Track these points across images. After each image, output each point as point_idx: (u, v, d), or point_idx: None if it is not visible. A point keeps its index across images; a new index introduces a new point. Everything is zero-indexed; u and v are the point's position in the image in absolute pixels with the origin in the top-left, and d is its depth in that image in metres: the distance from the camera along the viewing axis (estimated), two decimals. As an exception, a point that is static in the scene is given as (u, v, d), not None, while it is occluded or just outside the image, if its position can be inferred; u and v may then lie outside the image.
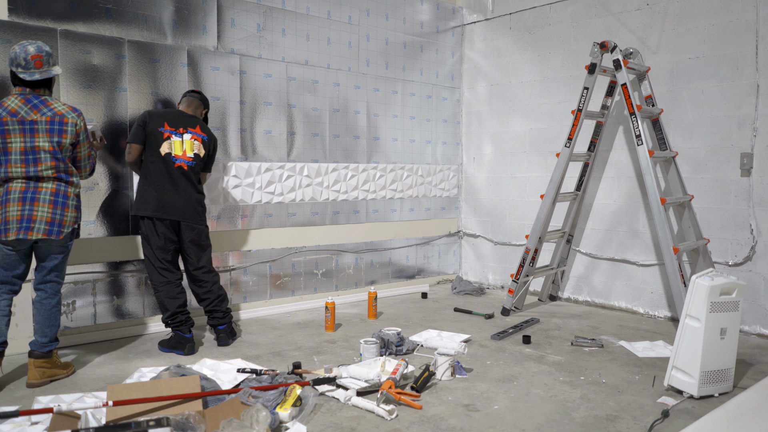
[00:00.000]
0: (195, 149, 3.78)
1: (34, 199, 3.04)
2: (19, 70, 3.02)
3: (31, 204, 3.03)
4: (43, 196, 3.06)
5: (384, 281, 5.55)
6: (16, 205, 3.02)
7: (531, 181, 5.52)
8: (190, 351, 3.66)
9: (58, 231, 3.09)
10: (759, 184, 4.15)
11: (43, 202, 3.05)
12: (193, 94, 3.94)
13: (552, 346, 3.87)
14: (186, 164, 3.74)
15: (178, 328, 3.67)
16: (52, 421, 2.46)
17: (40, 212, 3.04)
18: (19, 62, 3.01)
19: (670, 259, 3.95)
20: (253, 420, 2.42)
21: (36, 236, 3.04)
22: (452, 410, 2.83)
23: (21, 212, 3.01)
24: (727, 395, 3.00)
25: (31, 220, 3.02)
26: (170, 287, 3.70)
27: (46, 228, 3.05)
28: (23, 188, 3.04)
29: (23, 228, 3.01)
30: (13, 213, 3.01)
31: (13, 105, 3.02)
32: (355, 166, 5.24)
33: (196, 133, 3.80)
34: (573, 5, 5.14)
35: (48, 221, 3.06)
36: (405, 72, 5.59)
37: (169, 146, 3.69)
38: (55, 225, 3.08)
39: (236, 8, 4.48)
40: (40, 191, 3.06)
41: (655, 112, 4.44)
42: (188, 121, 3.81)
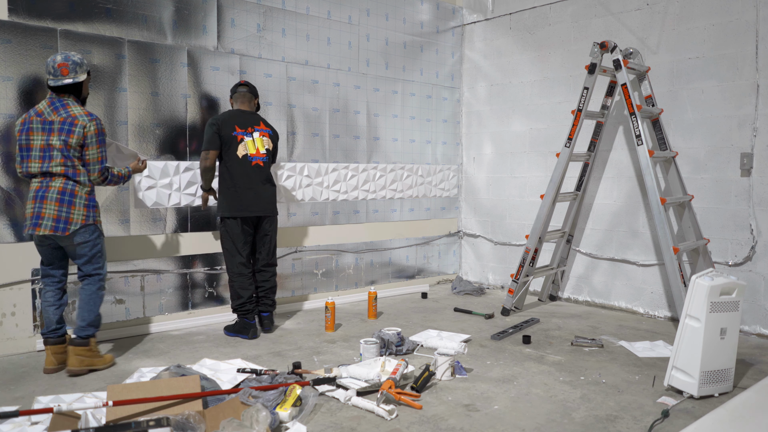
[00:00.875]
0: (265, 145, 4.07)
1: (44, 197, 3.24)
2: (49, 77, 3.27)
3: (41, 202, 3.24)
4: (51, 194, 3.24)
5: (384, 281, 5.55)
6: (31, 203, 3.27)
7: (531, 181, 5.52)
8: (254, 335, 3.98)
9: (63, 228, 3.24)
10: (759, 184, 4.15)
11: (51, 200, 3.23)
12: (242, 89, 4.11)
13: (552, 346, 3.87)
14: (261, 161, 4.04)
15: (245, 316, 4.01)
16: (52, 421, 2.46)
17: (48, 209, 3.23)
18: (49, 70, 3.27)
19: (670, 259, 3.95)
20: (253, 420, 2.42)
21: (43, 232, 3.23)
22: (452, 410, 2.83)
23: (33, 209, 3.25)
24: (727, 395, 3.00)
25: (40, 216, 3.23)
26: (243, 279, 4.03)
27: (52, 225, 3.23)
28: (38, 187, 3.26)
29: (33, 224, 3.24)
30: (29, 210, 3.27)
31: (41, 107, 3.29)
32: (355, 166, 5.24)
33: (263, 129, 4.08)
34: (573, 5, 5.14)
35: (54, 218, 3.23)
36: (405, 72, 5.60)
37: (244, 148, 3.97)
38: (61, 222, 3.23)
39: (236, 8, 4.48)
40: (49, 189, 3.24)
41: (655, 112, 4.44)
42: (252, 119, 4.07)
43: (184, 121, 4.25)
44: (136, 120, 4.05)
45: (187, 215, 4.31)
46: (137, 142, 4.06)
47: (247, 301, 4.03)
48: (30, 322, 3.70)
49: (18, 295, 3.66)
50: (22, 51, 3.60)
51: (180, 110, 4.23)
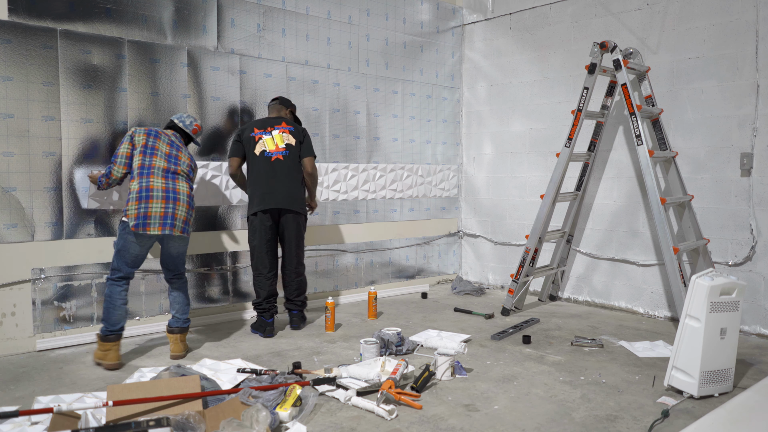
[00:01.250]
0: (285, 140, 4.13)
1: (176, 198, 3.58)
2: (178, 122, 3.79)
3: (174, 203, 3.59)
4: (181, 197, 3.64)
5: (384, 281, 5.55)
6: (161, 202, 3.54)
7: (531, 181, 5.52)
8: (269, 334, 4.05)
9: (185, 229, 3.65)
10: (759, 184, 4.15)
11: (182, 202, 3.63)
12: (274, 101, 4.32)
13: (552, 346, 3.87)
14: (281, 155, 4.08)
15: (262, 314, 4.09)
16: (52, 421, 2.46)
17: (180, 211, 3.61)
18: (184, 120, 3.80)
19: (670, 259, 3.95)
20: (253, 420, 2.42)
21: (177, 233, 3.57)
22: (452, 410, 2.83)
23: (164, 209, 3.55)
24: (727, 395, 3.00)
25: (174, 217, 3.56)
26: (262, 279, 4.11)
27: (181, 226, 3.58)
28: (164, 187, 3.57)
29: (164, 224, 3.53)
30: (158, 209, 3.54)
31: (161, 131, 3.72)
32: (355, 166, 5.24)
33: (282, 127, 4.16)
34: (573, 5, 5.14)
35: (184, 220, 3.60)
36: (405, 72, 5.59)
37: (262, 145, 4.08)
38: (187, 223, 3.67)
39: (236, 8, 4.48)
40: (179, 192, 3.61)
41: (655, 112, 4.44)
42: (273, 121, 4.19)
43: (313, 130, 4.28)
44: (136, 120, 4.05)
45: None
46: (137, 142, 4.06)
47: (264, 300, 4.09)
48: (30, 322, 3.70)
49: (18, 295, 3.66)
50: (22, 51, 3.60)
51: (180, 110, 4.23)
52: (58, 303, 3.79)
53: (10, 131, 3.59)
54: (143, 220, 3.37)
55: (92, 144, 3.87)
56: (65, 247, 3.79)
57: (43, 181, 3.70)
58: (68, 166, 3.79)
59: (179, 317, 3.66)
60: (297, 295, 4.25)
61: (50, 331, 3.77)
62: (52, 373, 3.33)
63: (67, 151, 3.78)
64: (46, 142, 3.71)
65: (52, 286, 3.77)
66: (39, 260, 3.71)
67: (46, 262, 3.74)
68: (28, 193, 3.66)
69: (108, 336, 3.41)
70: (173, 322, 3.66)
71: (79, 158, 3.83)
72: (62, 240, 3.78)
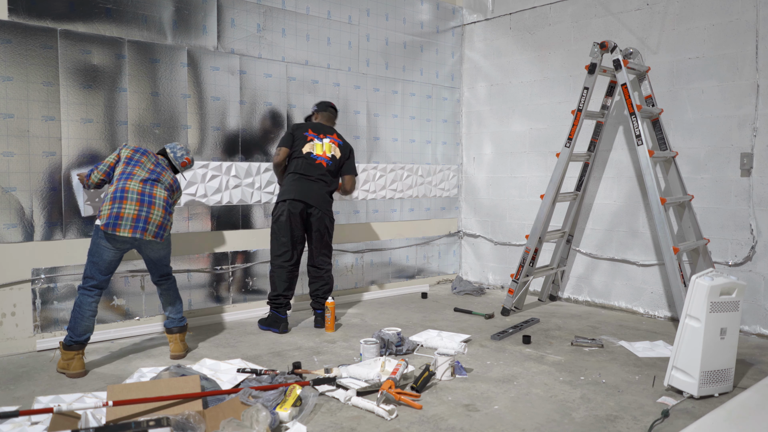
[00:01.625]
0: (332, 151, 4.29)
1: (151, 203, 3.52)
2: (171, 153, 3.71)
3: (149, 207, 3.54)
4: (158, 201, 3.59)
5: (384, 281, 5.55)
6: (135, 204, 3.51)
7: (531, 181, 5.52)
8: (284, 330, 4.10)
9: (161, 234, 3.59)
10: (759, 184, 4.15)
11: (158, 206, 3.58)
12: (331, 110, 4.45)
13: (552, 346, 3.87)
14: (325, 162, 4.24)
15: (276, 309, 4.10)
16: (52, 421, 2.46)
17: (155, 215, 3.56)
18: (176, 152, 3.71)
19: (670, 259, 3.95)
20: (253, 420, 2.42)
21: (149, 237, 3.53)
22: (452, 410, 2.83)
23: (137, 212, 3.51)
24: (727, 395, 3.00)
25: (147, 221, 3.50)
26: (282, 271, 4.11)
27: (155, 231, 3.50)
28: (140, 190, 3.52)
29: (136, 227, 3.50)
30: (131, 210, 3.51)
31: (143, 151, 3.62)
32: (355, 166, 5.24)
33: (334, 139, 4.33)
34: (573, 5, 5.14)
35: (159, 224, 3.52)
36: (405, 72, 5.59)
37: (311, 147, 4.22)
38: (161, 228, 3.59)
39: (236, 8, 4.48)
40: (155, 196, 3.57)
41: (655, 112, 4.44)
42: (327, 129, 4.36)
43: (185, 121, 4.26)
44: (135, 120, 4.05)
45: (187, 215, 4.31)
46: (137, 142, 4.06)
47: (282, 294, 4.11)
48: (30, 322, 3.70)
49: (18, 295, 3.66)
50: (22, 51, 3.60)
51: (180, 110, 4.23)
52: (58, 303, 3.79)
53: (10, 131, 3.59)
54: (114, 220, 3.27)
55: (92, 144, 3.87)
56: (65, 247, 3.79)
57: (43, 181, 3.70)
58: (68, 166, 3.79)
59: (173, 317, 3.65)
60: (324, 291, 4.26)
61: (50, 331, 3.77)
62: (52, 373, 3.33)
63: (67, 151, 3.78)
64: (46, 142, 3.71)
65: (52, 286, 3.77)
66: (39, 260, 3.71)
67: (46, 262, 3.74)
68: (28, 193, 3.66)
69: (72, 345, 3.30)
70: (169, 322, 3.65)
71: (79, 158, 3.82)
72: (62, 240, 3.78)
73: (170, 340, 3.63)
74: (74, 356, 3.29)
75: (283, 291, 4.11)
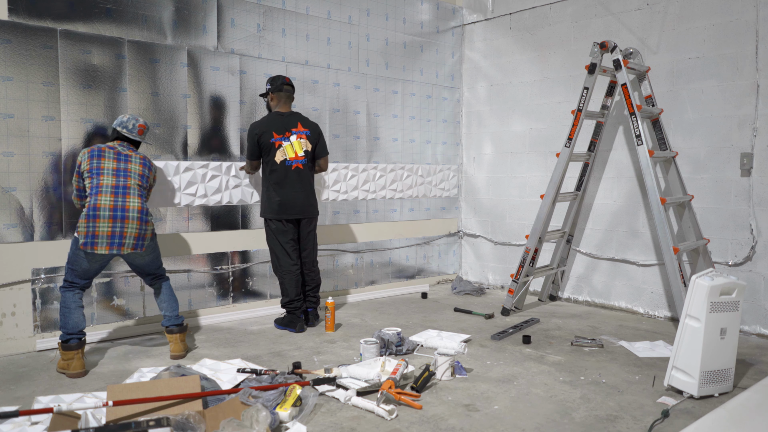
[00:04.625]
0: (303, 147, 4.18)
1: (125, 217, 3.51)
2: (124, 130, 3.58)
3: (122, 222, 3.56)
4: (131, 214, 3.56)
5: (384, 281, 5.55)
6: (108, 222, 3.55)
7: (531, 181, 5.52)
8: (301, 329, 4.17)
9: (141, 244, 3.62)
10: (759, 184, 4.15)
11: (132, 219, 3.56)
12: (287, 88, 4.20)
13: (552, 346, 3.87)
14: (301, 164, 4.17)
15: (294, 312, 4.20)
16: (52, 421, 2.46)
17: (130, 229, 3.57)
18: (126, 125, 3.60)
19: (670, 259, 3.95)
20: (253, 420, 2.42)
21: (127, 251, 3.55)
22: (452, 410, 2.83)
23: (111, 228, 3.53)
24: (727, 395, 3.00)
25: (122, 236, 3.54)
26: (291, 277, 4.20)
27: (133, 243, 3.51)
28: (112, 206, 3.47)
29: (111, 243, 3.52)
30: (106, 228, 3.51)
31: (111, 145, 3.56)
32: (355, 166, 5.24)
33: (300, 131, 4.17)
34: (573, 5, 5.14)
35: (135, 236, 3.52)
36: (405, 72, 5.59)
37: (282, 153, 4.11)
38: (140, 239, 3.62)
39: (236, 8, 4.48)
40: (128, 209, 3.51)
41: (655, 112, 4.44)
42: (290, 121, 4.18)
43: (185, 121, 4.26)
44: (136, 120, 4.05)
45: (187, 215, 4.31)
46: (137, 142, 4.06)
47: (296, 297, 4.21)
48: (30, 322, 3.70)
49: (18, 295, 3.66)
50: (22, 51, 3.60)
51: (180, 110, 4.23)
52: (58, 303, 3.78)
53: (10, 131, 3.59)
54: (91, 239, 3.30)
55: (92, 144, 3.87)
56: (65, 247, 3.78)
57: (43, 181, 3.70)
58: (68, 166, 3.79)
59: (170, 315, 3.67)
60: (316, 289, 4.37)
61: (50, 331, 3.77)
62: (52, 373, 3.33)
63: (67, 151, 3.78)
64: (46, 142, 3.71)
65: (52, 286, 3.77)
66: (39, 260, 3.71)
67: (46, 262, 3.74)
68: (28, 193, 3.66)
69: (69, 342, 3.31)
70: (166, 321, 3.66)
71: (79, 158, 3.82)
72: (62, 240, 3.78)
73: (170, 341, 3.63)
74: (74, 356, 3.29)
75: (297, 295, 4.22)
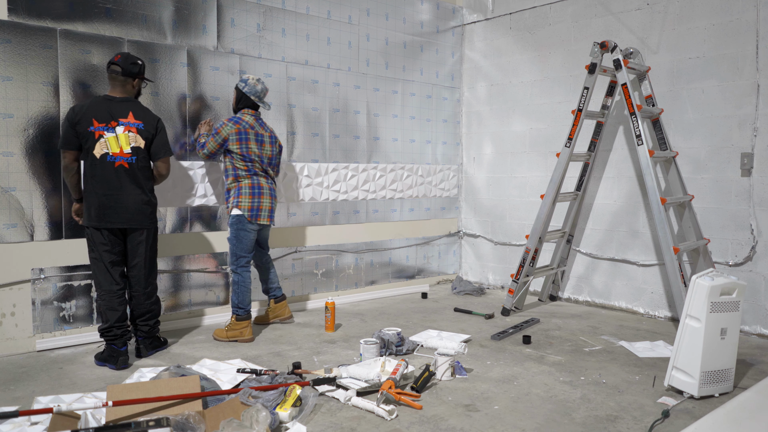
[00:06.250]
0: (131, 142, 3.44)
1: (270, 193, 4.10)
2: (257, 99, 4.05)
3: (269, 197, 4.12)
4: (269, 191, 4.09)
5: (384, 281, 5.55)
6: (266, 198, 4.06)
7: (531, 181, 5.52)
8: (122, 365, 3.39)
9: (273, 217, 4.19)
10: (759, 184, 4.14)
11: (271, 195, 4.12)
12: (114, 68, 3.45)
13: (552, 347, 3.86)
14: (126, 162, 3.43)
15: (112, 341, 3.44)
16: (52, 421, 2.46)
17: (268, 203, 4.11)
18: (259, 95, 4.05)
19: (670, 259, 3.95)
20: (253, 420, 2.42)
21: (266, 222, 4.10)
22: (452, 410, 2.82)
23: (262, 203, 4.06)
24: (728, 395, 3.00)
25: (269, 210, 4.13)
26: (112, 297, 3.48)
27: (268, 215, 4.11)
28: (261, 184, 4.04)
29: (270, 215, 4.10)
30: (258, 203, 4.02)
31: (250, 121, 4.04)
32: (355, 166, 5.24)
33: (129, 123, 3.43)
34: (573, 5, 5.14)
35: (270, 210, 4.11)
36: (405, 72, 5.59)
37: (103, 146, 3.38)
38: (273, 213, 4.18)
39: (236, 8, 4.47)
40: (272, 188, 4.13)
41: (656, 112, 4.44)
42: (117, 110, 3.43)
43: (185, 120, 4.25)
44: (135, 120, 4.04)
45: (187, 215, 4.31)
46: (137, 142, 4.06)
47: (115, 324, 3.45)
48: (30, 323, 3.70)
49: (18, 295, 3.66)
50: (22, 51, 3.60)
51: (180, 110, 4.23)
52: (58, 303, 3.79)
53: (10, 131, 3.58)
54: None
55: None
56: (65, 247, 3.79)
57: (43, 181, 3.70)
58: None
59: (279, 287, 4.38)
60: (147, 319, 3.61)
61: (50, 331, 3.77)
62: (52, 373, 3.32)
63: (67, 151, 3.78)
64: (46, 142, 3.70)
65: (52, 286, 3.77)
66: (39, 260, 3.71)
67: (45, 262, 3.73)
68: (27, 193, 3.66)
69: (243, 316, 4.00)
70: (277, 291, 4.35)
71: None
72: (62, 240, 3.78)
73: (281, 308, 4.35)
74: (248, 325, 3.95)
75: (117, 321, 3.45)
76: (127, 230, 3.53)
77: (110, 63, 3.49)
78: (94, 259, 3.49)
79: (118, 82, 3.50)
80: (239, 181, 4.02)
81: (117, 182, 3.42)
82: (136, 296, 3.61)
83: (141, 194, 3.50)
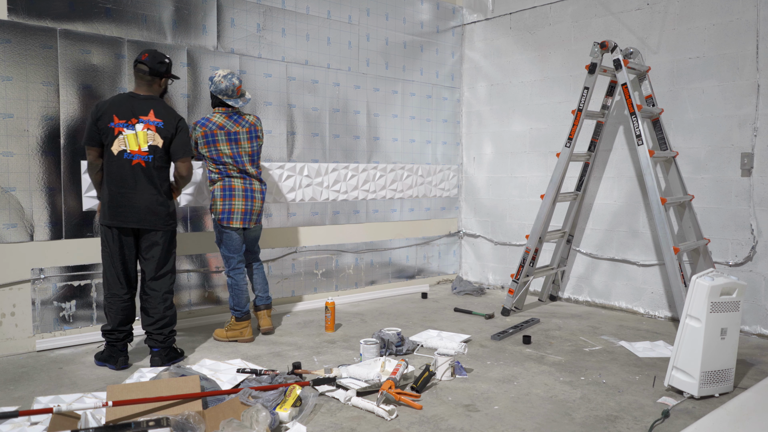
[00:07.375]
0: (149, 140, 3.35)
1: (253, 196, 3.95)
2: (225, 97, 3.82)
3: (251, 200, 3.96)
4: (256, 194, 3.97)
5: (384, 281, 5.55)
6: (239, 201, 3.90)
7: (531, 181, 5.52)
8: (122, 365, 3.38)
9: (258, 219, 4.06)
10: (759, 184, 4.14)
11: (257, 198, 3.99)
12: (141, 67, 3.39)
13: (552, 347, 3.86)
14: (143, 160, 3.35)
15: (113, 343, 3.42)
16: (52, 421, 2.46)
17: (256, 206, 4.00)
18: (228, 92, 3.81)
19: (670, 259, 3.95)
20: (253, 420, 2.42)
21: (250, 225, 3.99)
22: (452, 410, 2.82)
23: (244, 205, 3.92)
24: (728, 395, 3.00)
25: (251, 212, 3.98)
26: (116, 301, 3.41)
27: (255, 218, 4.00)
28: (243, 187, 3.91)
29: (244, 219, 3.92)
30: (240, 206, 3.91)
31: (220, 120, 3.86)
32: (355, 166, 5.24)
33: (149, 121, 3.36)
34: (573, 5, 5.14)
35: (257, 213, 4.02)
36: (405, 72, 5.59)
37: (121, 142, 3.32)
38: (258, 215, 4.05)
39: (236, 8, 4.47)
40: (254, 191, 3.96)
41: (656, 111, 4.44)
42: (141, 106, 3.38)
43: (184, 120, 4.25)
44: (135, 120, 4.04)
45: (186, 215, 4.31)
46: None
47: (117, 327, 3.40)
48: (30, 323, 3.70)
49: (18, 295, 3.66)
50: (22, 51, 3.60)
51: (180, 110, 4.23)
52: (58, 303, 3.79)
53: (10, 131, 3.58)
54: None
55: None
56: (65, 247, 3.79)
57: (43, 181, 3.70)
58: (67, 165, 3.79)
59: (262, 296, 4.15)
60: (162, 326, 3.45)
61: (50, 331, 3.77)
62: (52, 373, 3.32)
63: (67, 151, 3.78)
64: (46, 142, 3.70)
65: (52, 286, 3.77)
66: (39, 260, 3.71)
67: (45, 262, 3.74)
68: (27, 193, 3.66)
69: (241, 317, 3.97)
70: (259, 301, 4.15)
71: (79, 158, 3.82)
72: (62, 240, 3.78)
73: (259, 317, 4.13)
74: (247, 325, 3.95)
75: (120, 324, 3.41)
76: (140, 231, 3.42)
77: (137, 61, 3.41)
78: (104, 258, 3.44)
79: (144, 81, 3.43)
80: (214, 183, 3.90)
81: (132, 180, 3.34)
82: (150, 300, 3.47)
83: (155, 194, 3.39)
